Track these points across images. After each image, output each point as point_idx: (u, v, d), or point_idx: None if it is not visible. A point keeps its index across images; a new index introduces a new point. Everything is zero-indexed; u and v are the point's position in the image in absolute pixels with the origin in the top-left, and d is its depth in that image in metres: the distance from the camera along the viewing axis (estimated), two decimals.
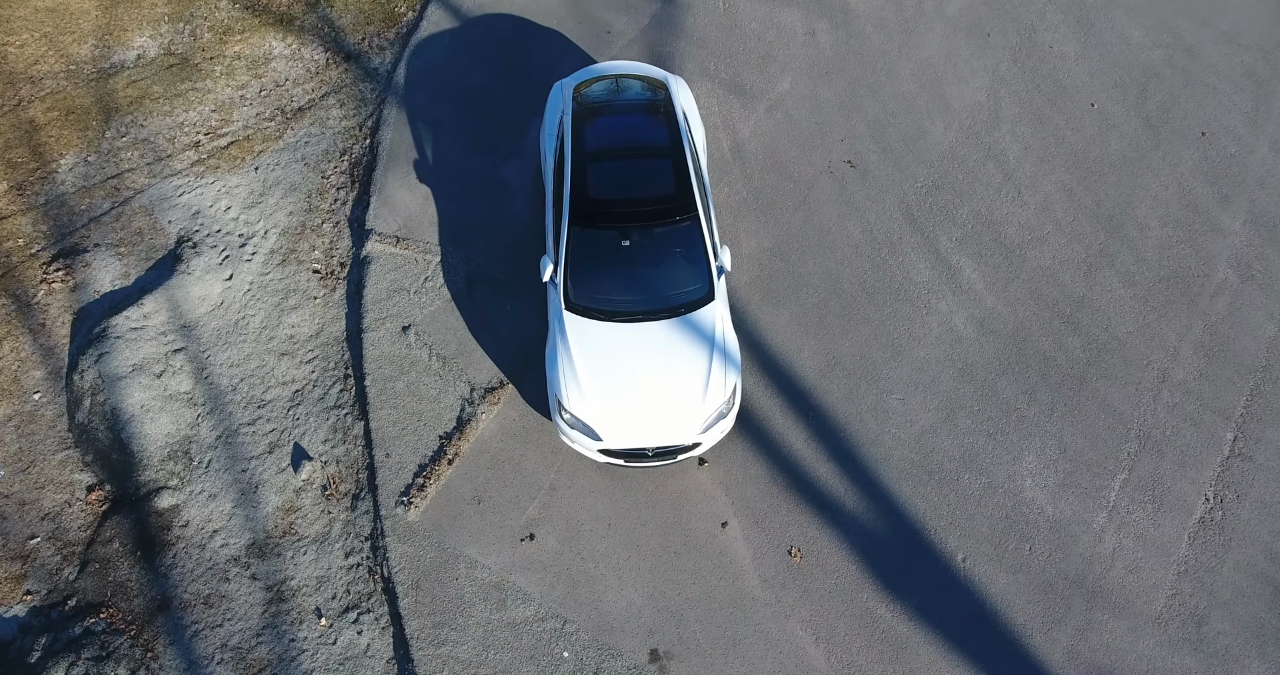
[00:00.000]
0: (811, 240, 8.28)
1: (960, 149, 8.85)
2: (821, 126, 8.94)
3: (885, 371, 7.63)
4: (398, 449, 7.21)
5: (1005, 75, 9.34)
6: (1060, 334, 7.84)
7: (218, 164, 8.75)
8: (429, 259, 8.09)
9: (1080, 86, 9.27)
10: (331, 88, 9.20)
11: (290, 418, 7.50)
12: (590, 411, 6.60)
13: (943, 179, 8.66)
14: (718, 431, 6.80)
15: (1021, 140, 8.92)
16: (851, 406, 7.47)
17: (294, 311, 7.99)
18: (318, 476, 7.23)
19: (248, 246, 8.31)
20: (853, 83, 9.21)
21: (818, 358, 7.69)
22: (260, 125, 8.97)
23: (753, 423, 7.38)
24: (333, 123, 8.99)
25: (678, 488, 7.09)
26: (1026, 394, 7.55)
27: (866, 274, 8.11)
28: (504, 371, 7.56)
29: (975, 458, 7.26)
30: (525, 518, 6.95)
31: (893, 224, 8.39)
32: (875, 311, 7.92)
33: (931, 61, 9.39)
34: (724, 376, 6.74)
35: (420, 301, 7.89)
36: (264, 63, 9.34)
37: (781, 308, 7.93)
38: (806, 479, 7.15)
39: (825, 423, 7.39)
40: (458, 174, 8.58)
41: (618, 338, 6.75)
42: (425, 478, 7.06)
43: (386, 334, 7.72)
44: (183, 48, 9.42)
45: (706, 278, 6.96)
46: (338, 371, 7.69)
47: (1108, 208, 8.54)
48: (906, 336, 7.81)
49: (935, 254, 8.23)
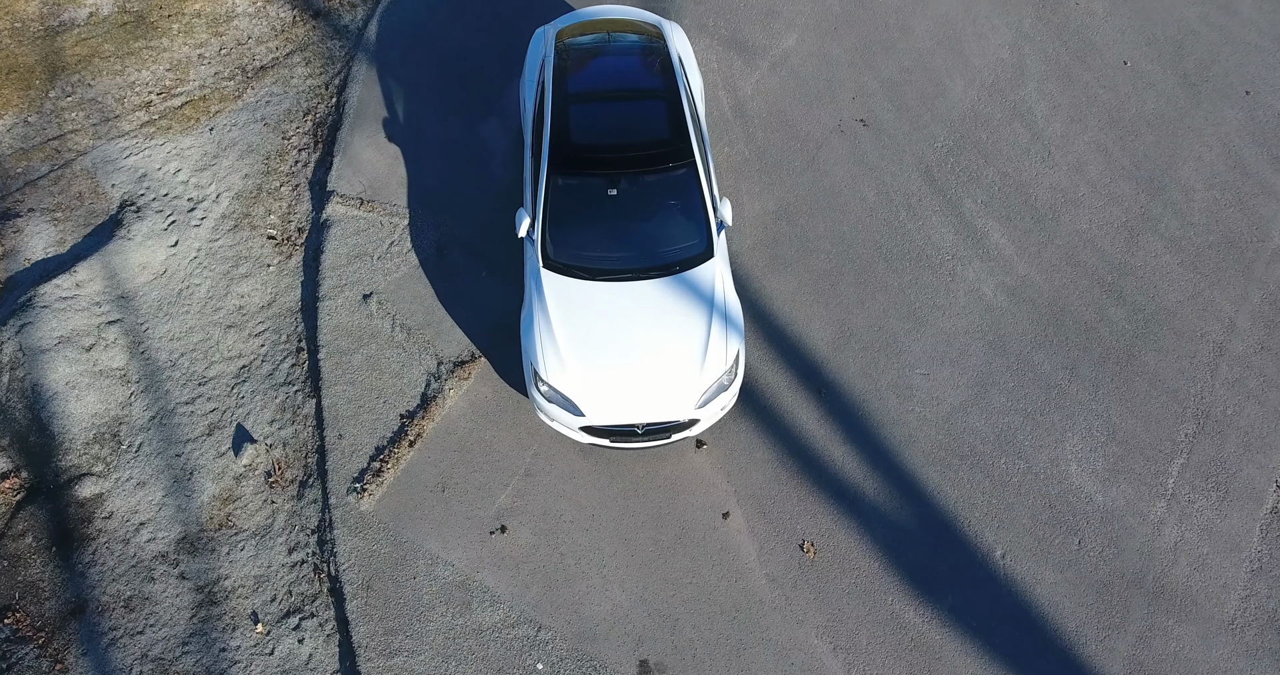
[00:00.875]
0: (821, 202, 7.45)
1: (983, 107, 8.06)
2: (831, 84, 8.16)
3: (907, 344, 6.76)
4: (352, 429, 6.33)
5: (1029, 32, 8.58)
6: (1102, 303, 6.97)
7: (170, 125, 7.97)
8: (395, 222, 7.27)
9: (1110, 44, 8.50)
10: (297, 46, 8.46)
11: (234, 396, 6.63)
12: (571, 383, 5.73)
13: (965, 139, 7.86)
14: (717, 407, 5.91)
15: (1049, 98, 8.13)
16: (870, 382, 6.59)
17: (244, 280, 7.15)
18: (261, 461, 6.33)
19: (197, 211, 7.50)
20: (864, 39, 8.45)
21: (830, 329, 6.82)
22: (218, 84, 8.21)
23: (758, 400, 6.49)
24: (297, 82, 8.23)
25: (672, 473, 6.19)
26: (1067, 369, 6.67)
27: (883, 239, 7.27)
28: (476, 344, 6.70)
29: (1012, 440, 6.36)
30: (496, 507, 6.04)
31: (911, 185, 7.57)
32: (894, 279, 7.07)
33: (949, 18, 8.64)
34: (725, 342, 5.87)
35: (384, 268, 7.05)
36: (225, 20, 8.61)
37: (788, 274, 7.08)
38: (820, 463, 6.24)
39: (840, 400, 6.50)
40: (431, 133, 7.79)
41: (603, 299, 5.90)
42: (382, 462, 6.17)
43: (345, 303, 6.87)
44: (139, 5, 8.69)
45: (704, 232, 6.12)
46: (290, 345, 6.83)
47: (1147, 169, 7.72)
48: (930, 306, 6.95)
49: (959, 217, 7.40)
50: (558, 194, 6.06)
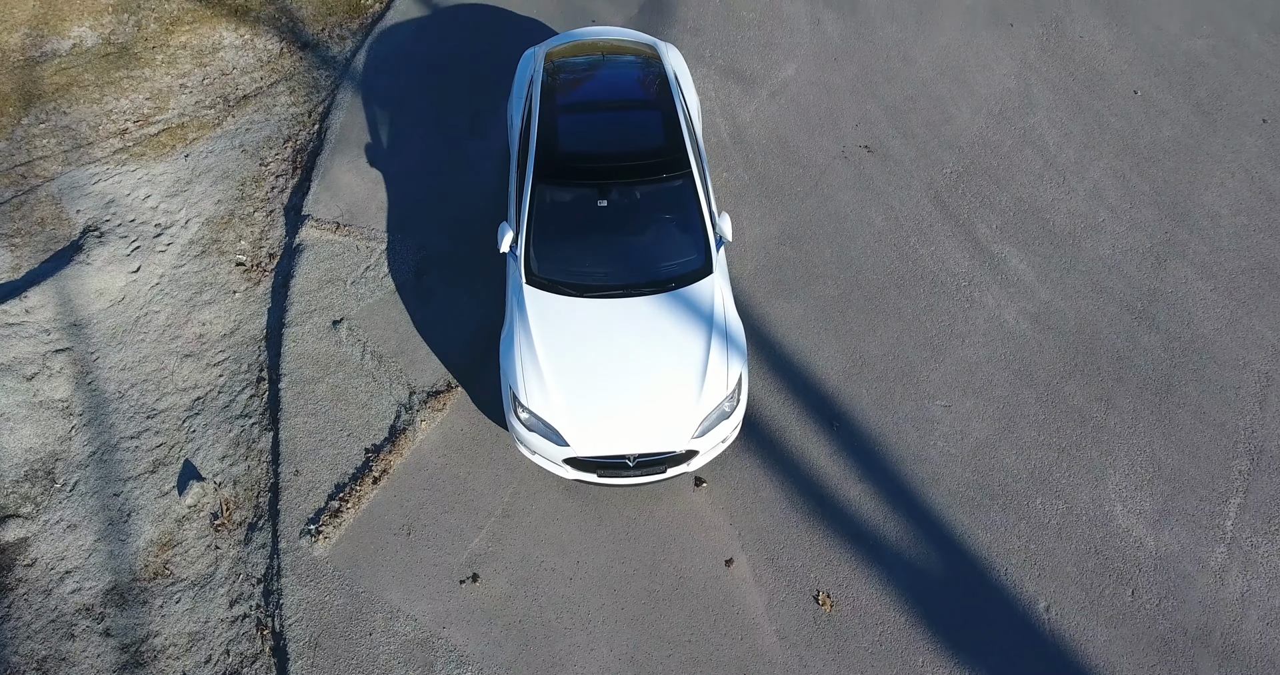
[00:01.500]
0: (826, 228, 7.01)
1: (991, 135, 7.73)
2: (832, 112, 7.86)
3: (925, 373, 6.18)
4: (311, 465, 5.68)
5: (1034, 63, 8.36)
6: (1134, 331, 6.43)
7: (144, 151, 7.63)
8: (372, 246, 6.81)
9: (1119, 74, 8.26)
10: (282, 75, 8.22)
11: (184, 430, 6.00)
12: (554, 409, 5.13)
13: (974, 165, 7.49)
14: (718, 437, 5.29)
15: (1060, 126, 7.81)
16: (886, 415, 5.98)
17: (207, 307, 6.63)
18: (208, 501, 5.66)
19: (163, 236, 7.05)
20: (865, 69, 8.22)
21: (841, 357, 6.25)
22: (198, 113, 7.92)
23: (763, 433, 5.87)
24: (279, 110, 7.94)
25: (668, 514, 5.51)
26: (1102, 400, 6.06)
27: (894, 264, 6.79)
28: (453, 373, 6.12)
29: (1048, 477, 5.70)
30: (468, 552, 5.34)
31: (921, 211, 7.15)
32: (907, 305, 6.55)
33: (951, 49, 8.44)
34: (725, 365, 5.29)
35: (357, 293, 6.54)
36: (211, 52, 8.40)
37: (794, 300, 6.57)
38: (834, 504, 5.57)
39: (854, 434, 5.88)
40: (414, 158, 7.43)
41: (590, 317, 5.36)
42: (342, 501, 5.50)
43: (313, 329, 6.33)
44: (124, 38, 8.51)
45: (702, 247, 5.64)
46: (250, 375, 6.25)
47: (1169, 195, 7.31)
48: (947, 333, 6.40)
49: (974, 243, 6.94)
50: (543, 205, 5.62)
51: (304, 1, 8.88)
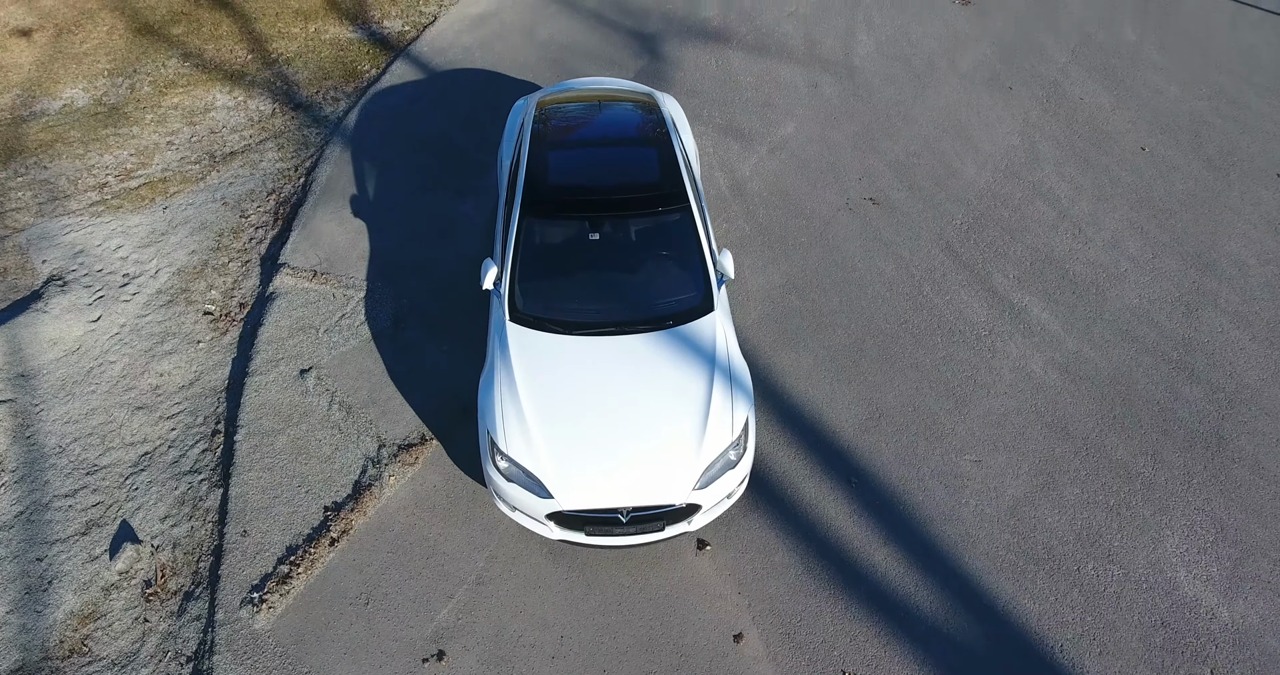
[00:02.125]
0: (833, 277, 6.62)
1: (1000, 188, 7.48)
2: (834, 166, 7.65)
3: (949, 426, 5.61)
4: (262, 524, 5.02)
5: (1036, 122, 8.24)
6: (1173, 382, 5.91)
7: (121, 204, 7.35)
8: (349, 295, 6.39)
9: (1124, 132, 8.13)
10: (272, 134, 8.07)
11: (126, 487, 5.37)
12: (537, 456, 4.54)
13: (985, 216, 7.19)
14: (722, 490, 4.67)
15: (1069, 180, 7.58)
16: (909, 470, 5.36)
17: (167, 357, 6.13)
18: (142, 566, 4.96)
19: (130, 286, 6.65)
20: (866, 127, 8.08)
21: (856, 409, 5.70)
22: (182, 168, 7.70)
23: (773, 490, 5.24)
24: (265, 164, 7.72)
25: (667, 581, 4.80)
26: (1149, 455, 5.47)
27: (908, 313, 6.35)
28: (429, 425, 5.55)
29: (1098, 539, 5.03)
30: (434, 626, 4.60)
31: (933, 261, 6.78)
32: (924, 355, 6.06)
33: (952, 109, 8.35)
34: (730, 408, 4.75)
35: (330, 342, 6.06)
36: (203, 112, 8.30)
37: (802, 350, 6.08)
38: (857, 570, 4.87)
39: (875, 491, 5.24)
40: (401, 211, 7.14)
41: (579, 356, 4.86)
42: (293, 565, 4.80)
43: (278, 378, 5.80)
44: (116, 99, 8.43)
45: (702, 283, 5.21)
46: (205, 428, 5.67)
47: (1191, 245, 6.98)
48: (970, 384, 5.88)
49: (991, 292, 6.53)
50: (530, 238, 5.23)
51: (300, 66, 8.88)
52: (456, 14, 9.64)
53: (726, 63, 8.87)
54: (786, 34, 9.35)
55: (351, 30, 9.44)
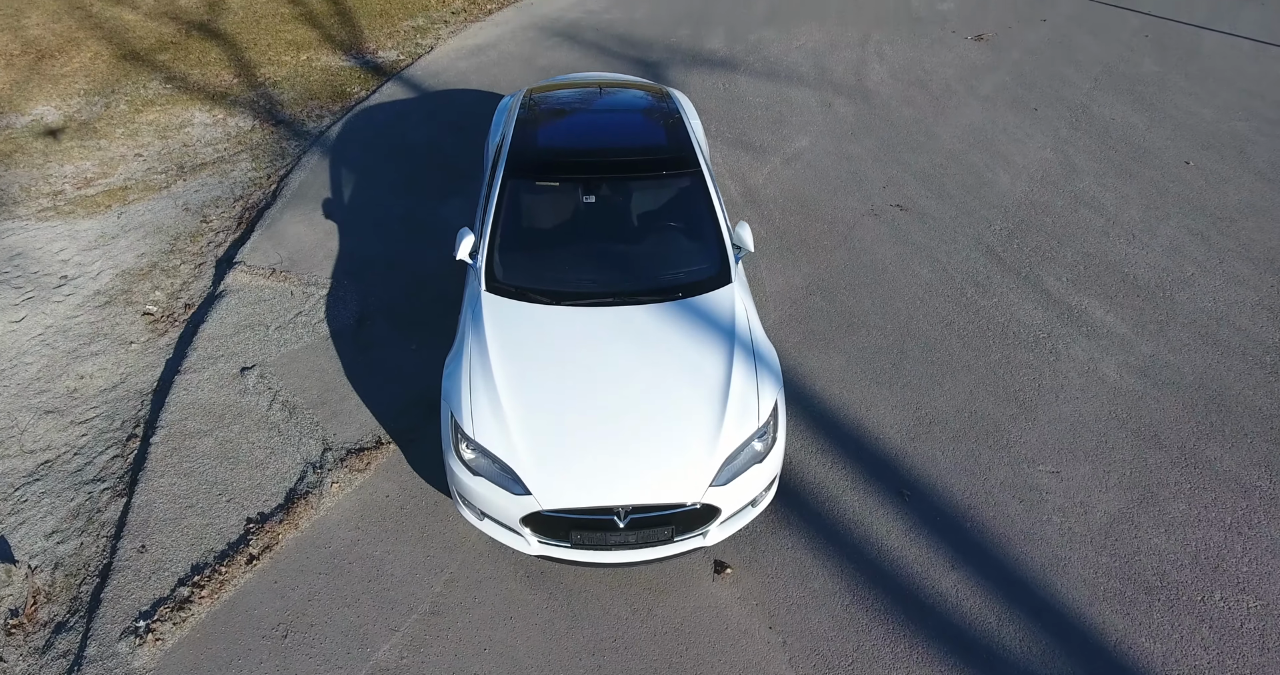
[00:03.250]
0: (862, 278, 5.83)
1: (1038, 196, 6.82)
2: (855, 176, 7.02)
3: (1015, 434, 4.66)
4: (164, 538, 3.99)
5: (1068, 138, 7.69)
6: (1272, 386, 4.99)
7: (73, 210, 6.68)
8: (310, 292, 5.58)
9: (1162, 149, 7.55)
10: (248, 146, 7.51)
11: (13, 500, 4.37)
12: (511, 442, 3.59)
13: (1027, 222, 6.48)
14: (745, 490, 3.68)
15: (1114, 190, 6.93)
16: (974, 482, 4.37)
17: (92, 359, 5.26)
18: (11, 592, 3.90)
19: (65, 287, 5.86)
20: (885, 142, 7.53)
21: (901, 414, 4.76)
22: (147, 177, 7.09)
23: (808, 505, 4.23)
24: (237, 174, 7.11)
25: (677, 613, 3.73)
26: (1261, 466, 4.48)
27: (951, 315, 5.52)
28: (387, 427, 4.61)
29: (1221, 563, 3.97)
30: (371, 666, 3.50)
31: (973, 264, 6.01)
32: (976, 358, 5.17)
33: (976, 126, 7.82)
34: (755, 388, 3.83)
35: (280, 339, 5.20)
36: (177, 128, 7.79)
37: (832, 351, 5.20)
38: (921, 599, 3.80)
39: (934, 506, 4.23)
40: (377, 212, 6.45)
41: (567, 326, 4.00)
42: (196, 587, 3.75)
43: (213, 376, 4.91)
44: (88, 116, 7.95)
45: (717, 254, 4.41)
46: (121, 432, 4.73)
47: (1260, 252, 6.22)
48: (1034, 388, 4.96)
49: (1044, 294, 5.72)
50: (515, 201, 4.47)
51: (287, 88, 8.46)
52: (454, 44, 9.34)
53: (734, 86, 8.45)
54: (795, 63, 9.00)
55: (344, 59, 9.11)
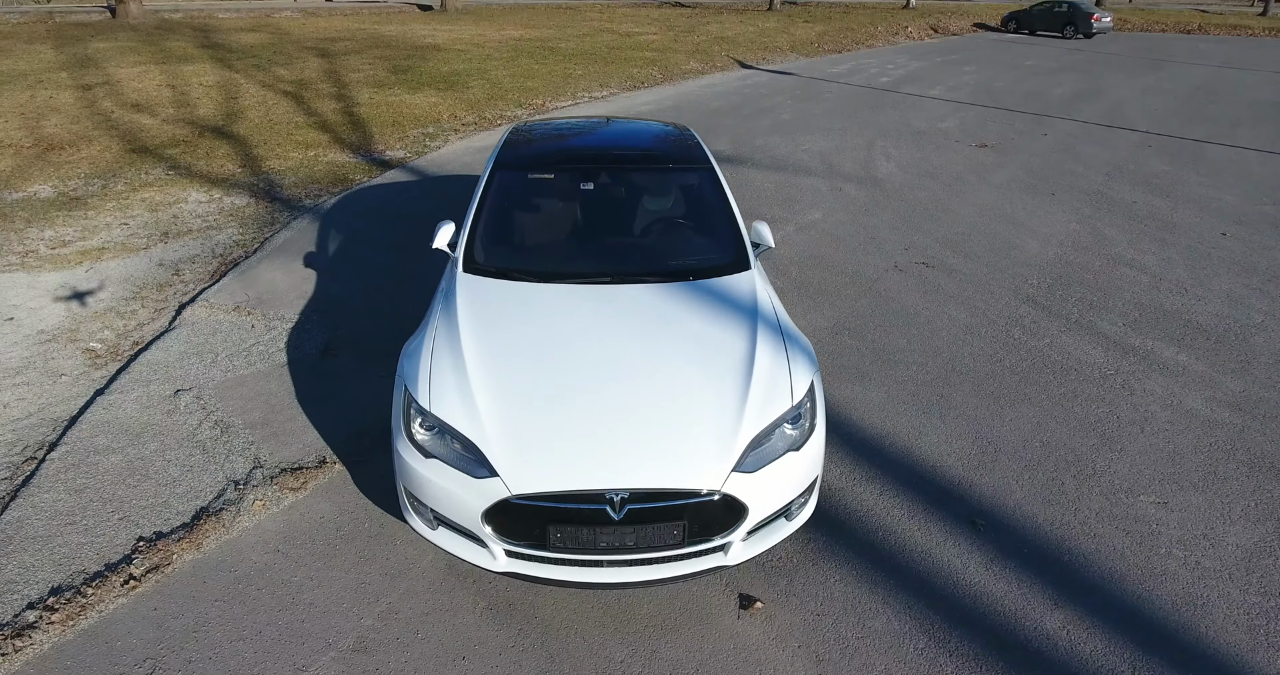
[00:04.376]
0: (892, 320, 5.22)
1: (1073, 258, 6.37)
2: (873, 240, 6.64)
3: (1101, 463, 3.81)
4: (27, 556, 3.08)
5: (1091, 215, 7.39)
6: None
7: (41, 265, 6.26)
8: (273, 325, 4.98)
9: (1193, 224, 7.22)
10: (239, 218, 7.24)
11: None
12: (475, 415, 2.80)
13: (1066, 278, 5.98)
14: (778, 486, 2.83)
15: (1153, 253, 6.49)
16: (1062, 512, 3.47)
17: (12, 389, 4.55)
18: None
19: (6, 327, 5.27)
20: (902, 215, 7.24)
21: (959, 444, 3.94)
22: (127, 241, 6.75)
23: (855, 535, 3.32)
24: (222, 238, 6.77)
25: (691, 655, 2.73)
26: None
27: (999, 353, 4.84)
28: (336, 450, 3.80)
29: None
30: None
31: (1016, 310, 5.41)
32: (1036, 392, 4.43)
33: (994, 205, 7.58)
34: (784, 364, 3.10)
35: (229, 365, 4.52)
36: (170, 204, 7.59)
37: (869, 384, 4.47)
38: (1021, 644, 2.80)
39: (1018, 538, 3.31)
40: (359, 264, 6.00)
41: (554, 303, 3.34)
42: (47, 611, 2.80)
43: (141, 397, 4.17)
44: (83, 194, 7.80)
45: (731, 241, 3.85)
46: (19, 457, 3.91)
47: None
48: (1112, 419, 4.17)
49: (1101, 336, 5.06)
50: (503, 189, 3.98)
51: (289, 176, 8.38)
52: (462, 145, 9.43)
53: (743, 175, 8.34)
54: (802, 160, 8.98)
55: (351, 156, 9.15)
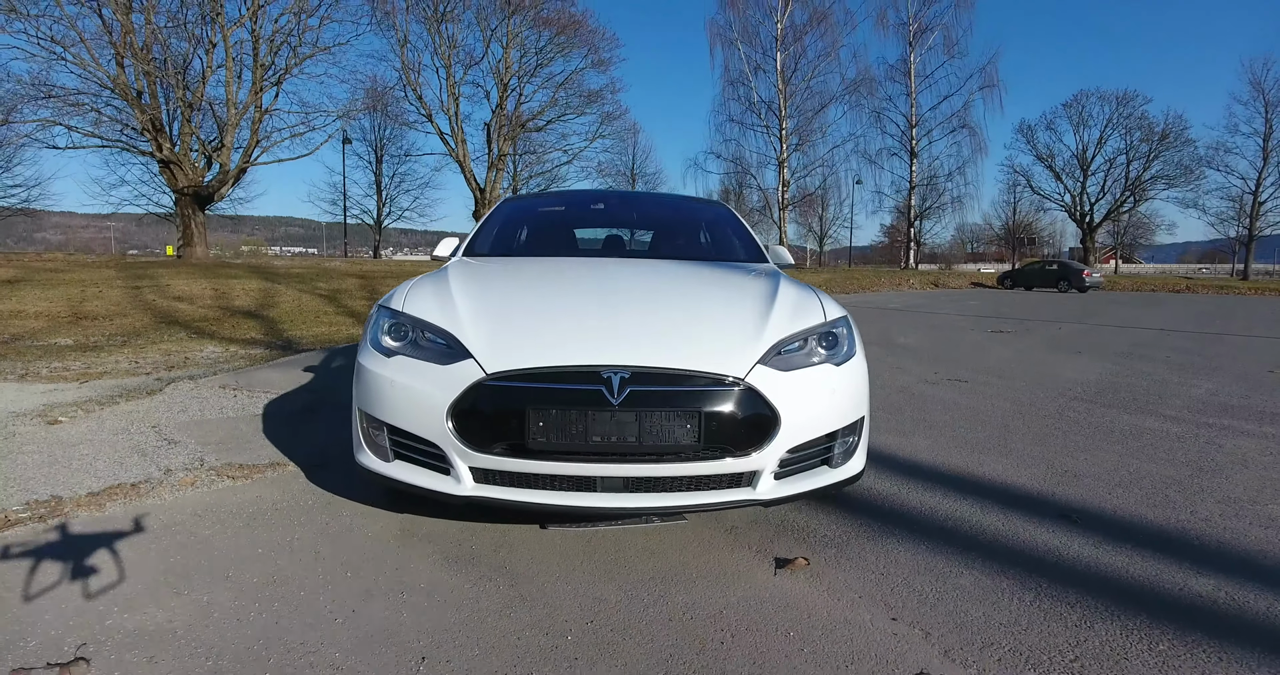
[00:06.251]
0: (929, 405, 4.81)
1: (1116, 380, 6.04)
2: (899, 368, 6.40)
3: (1203, 485, 3.18)
4: None
5: (1122, 364, 7.18)
6: None
7: (35, 381, 6.10)
8: (256, 396, 4.64)
9: (1231, 365, 6.95)
10: (249, 359, 7.19)
11: None
12: (453, 307, 2.43)
13: (1113, 387, 5.61)
14: (815, 399, 2.31)
15: (1201, 378, 6.15)
16: (1175, 513, 2.81)
17: None
18: None
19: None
20: (928, 359, 7.07)
21: (1031, 470, 3.36)
22: (131, 370, 6.64)
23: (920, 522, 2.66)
24: (225, 365, 6.65)
25: (712, 602, 2.00)
26: None
27: (1057, 422, 4.36)
28: (294, 457, 3.27)
29: None
30: (106, 627, 1.76)
31: (1063, 406, 4.99)
32: (1106, 443, 3.88)
33: (1022, 357, 7.41)
34: (813, 294, 2.78)
35: (199, 414, 4.12)
36: (184, 353, 7.61)
37: (915, 436, 3.97)
38: (1165, 603, 2.06)
39: (1126, 528, 2.64)
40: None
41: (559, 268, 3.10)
42: None
43: (90, 426, 3.75)
44: (102, 345, 7.88)
45: (748, 246, 3.68)
46: None
47: None
48: (1205, 459, 3.58)
49: (1164, 417, 4.58)
50: (512, 211, 3.93)
51: (310, 340, 8.50)
52: None
53: None
54: None
55: None
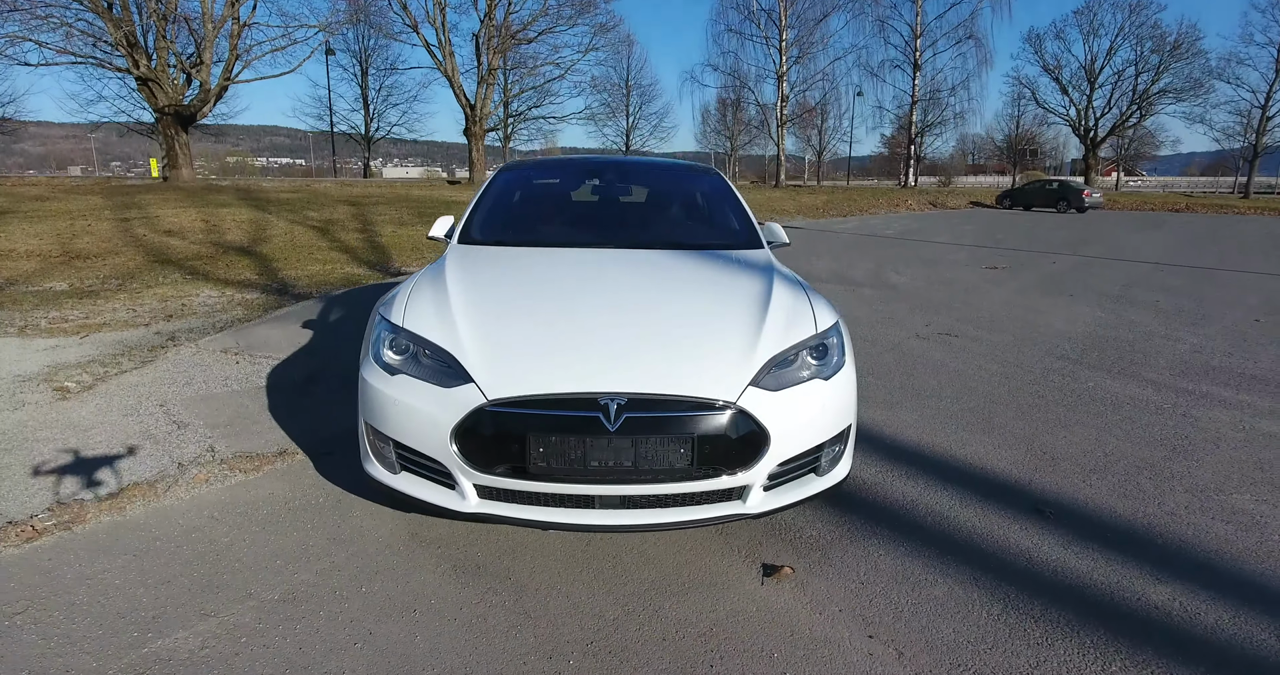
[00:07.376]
0: (918, 368, 4.88)
1: (1104, 333, 6.11)
2: (890, 319, 6.45)
3: (1179, 468, 3.31)
4: None
5: (1115, 309, 7.24)
6: None
7: (36, 335, 6.13)
8: (259, 363, 4.71)
9: (1222, 315, 7.02)
10: (246, 306, 7.21)
11: None
12: (452, 329, 2.46)
13: (1100, 344, 5.68)
14: (804, 416, 2.39)
15: (1188, 331, 6.22)
16: (1144, 505, 2.95)
17: None
18: None
19: None
20: (919, 305, 7.10)
21: (1010, 452, 3.47)
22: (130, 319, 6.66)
23: (899, 518, 2.79)
24: (225, 316, 6.68)
25: (703, 616, 2.14)
26: None
27: (1040, 389, 4.45)
28: (302, 444, 3.38)
29: None
30: (143, 654, 1.90)
31: (1049, 364, 5.08)
32: (1089, 417, 3.99)
33: (1014, 301, 7.44)
34: (805, 300, 2.80)
35: (205, 387, 4.20)
36: (181, 298, 7.61)
37: (901, 410, 4.07)
38: (1127, 613, 2.21)
39: (1096, 524, 2.77)
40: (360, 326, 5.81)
41: (554, 262, 3.11)
42: None
43: (98, 406, 3.84)
44: (96, 288, 7.86)
45: (743, 227, 3.68)
46: None
47: None
48: (1181, 437, 3.70)
49: (1148, 382, 4.68)
50: (506, 185, 3.89)
51: (305, 281, 8.48)
52: None
53: None
54: (810, 271, 9.04)
55: (366, 270, 9.32)
